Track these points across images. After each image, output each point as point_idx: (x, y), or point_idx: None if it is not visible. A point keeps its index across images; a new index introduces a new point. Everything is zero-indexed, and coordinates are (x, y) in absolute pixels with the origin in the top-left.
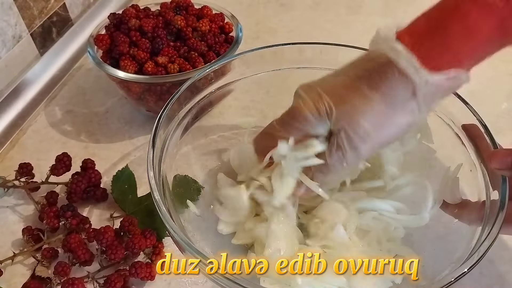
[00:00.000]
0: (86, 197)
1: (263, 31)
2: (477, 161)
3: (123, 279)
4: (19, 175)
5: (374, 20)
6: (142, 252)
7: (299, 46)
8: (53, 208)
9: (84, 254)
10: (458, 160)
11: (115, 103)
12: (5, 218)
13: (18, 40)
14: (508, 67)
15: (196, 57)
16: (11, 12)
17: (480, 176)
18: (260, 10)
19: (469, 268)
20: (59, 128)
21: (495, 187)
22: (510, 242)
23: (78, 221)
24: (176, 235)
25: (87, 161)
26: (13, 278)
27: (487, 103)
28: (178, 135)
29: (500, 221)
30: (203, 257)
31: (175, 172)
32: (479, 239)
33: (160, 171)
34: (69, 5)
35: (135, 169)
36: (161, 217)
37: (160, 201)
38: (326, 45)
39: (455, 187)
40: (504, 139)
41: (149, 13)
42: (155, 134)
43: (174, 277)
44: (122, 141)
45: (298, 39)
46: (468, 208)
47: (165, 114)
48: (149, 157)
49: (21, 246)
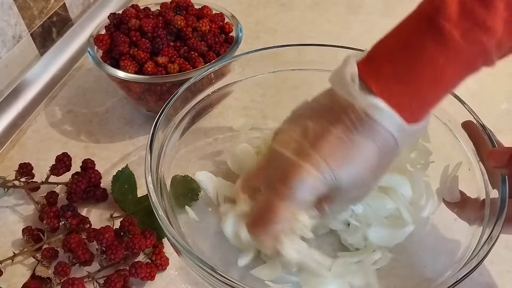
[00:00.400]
0: (86, 197)
1: (263, 31)
2: (475, 160)
3: (123, 279)
4: (19, 175)
5: (374, 20)
6: (142, 252)
7: (298, 47)
8: (53, 208)
9: (84, 254)
10: (456, 159)
11: (115, 103)
12: (5, 218)
13: (18, 40)
14: (508, 67)
15: (196, 57)
16: (11, 12)
17: (478, 175)
18: (260, 10)
19: (468, 272)
20: (59, 128)
21: (495, 186)
22: (510, 242)
23: (78, 221)
24: (172, 239)
25: (87, 161)
26: (13, 278)
27: (487, 103)
28: (177, 136)
29: (500, 224)
30: (200, 261)
31: (174, 172)
32: (479, 240)
33: (158, 173)
34: (69, 5)
35: (135, 169)
36: (159, 220)
37: (157, 204)
38: (326, 47)
39: (454, 186)
40: (504, 139)
41: (149, 13)
42: (152, 139)
43: (174, 277)
44: (122, 141)
45: (298, 39)
46: (468, 207)
47: (163, 116)
48: (147, 162)
49: (21, 246)
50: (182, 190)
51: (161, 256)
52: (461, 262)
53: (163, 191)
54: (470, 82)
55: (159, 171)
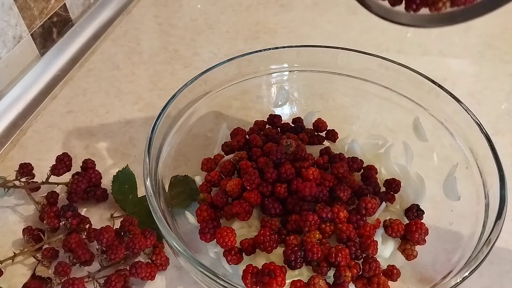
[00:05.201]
0: (86, 197)
1: (263, 31)
2: (473, 159)
3: (123, 279)
4: (19, 175)
5: (374, 20)
6: (142, 252)
7: (298, 48)
8: (54, 208)
9: (84, 254)
10: (454, 158)
11: (115, 103)
12: (6, 218)
13: (18, 41)
14: (508, 67)
15: None
16: (12, 12)
17: (476, 174)
18: (260, 10)
19: (468, 274)
20: (60, 128)
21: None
22: (510, 242)
23: (78, 221)
24: (171, 241)
25: (87, 161)
26: (13, 278)
27: (487, 103)
28: (176, 137)
29: (500, 224)
30: (197, 264)
31: (174, 173)
32: (479, 240)
33: (157, 175)
34: (69, 6)
35: (135, 169)
36: (157, 222)
37: (156, 208)
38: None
39: (453, 186)
40: (503, 139)
41: None
42: (150, 144)
43: (174, 277)
44: (123, 141)
45: (298, 39)
46: None
47: (162, 117)
48: (145, 164)
49: (22, 246)
50: (182, 190)
51: (161, 256)
52: (461, 262)
53: (161, 193)
54: (470, 82)
55: (158, 173)
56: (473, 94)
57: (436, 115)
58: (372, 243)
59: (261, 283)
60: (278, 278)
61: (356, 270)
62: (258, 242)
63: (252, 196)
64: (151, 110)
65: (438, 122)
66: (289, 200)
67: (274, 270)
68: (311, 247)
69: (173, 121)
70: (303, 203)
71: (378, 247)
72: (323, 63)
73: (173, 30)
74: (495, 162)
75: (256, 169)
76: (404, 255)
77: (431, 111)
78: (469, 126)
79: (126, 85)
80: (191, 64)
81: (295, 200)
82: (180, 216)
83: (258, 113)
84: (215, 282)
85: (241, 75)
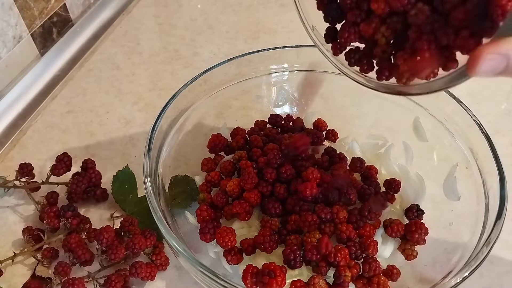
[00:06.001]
0: (86, 197)
1: (263, 31)
2: (473, 159)
3: (123, 279)
4: (19, 175)
5: None
6: (142, 252)
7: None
8: (54, 208)
9: (84, 254)
10: (454, 158)
11: (115, 103)
12: (6, 218)
13: (18, 41)
14: None
15: None
16: (12, 12)
17: (476, 174)
18: (260, 11)
19: (468, 274)
20: (60, 128)
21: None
22: (510, 242)
23: (78, 221)
24: (171, 241)
25: (87, 161)
26: (13, 278)
27: (487, 103)
28: (176, 137)
29: (500, 224)
30: (197, 264)
31: (174, 173)
32: (479, 240)
33: (157, 175)
34: (69, 6)
35: (135, 169)
36: (157, 222)
37: (157, 209)
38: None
39: (453, 186)
40: (503, 139)
41: None
42: (150, 144)
43: (174, 277)
44: (123, 141)
45: (298, 39)
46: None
47: (161, 117)
48: (145, 164)
49: (22, 246)
50: (182, 190)
51: (161, 256)
52: (461, 262)
53: (161, 193)
54: (470, 82)
55: (158, 173)
56: (473, 94)
57: (436, 115)
58: (372, 243)
59: (261, 283)
60: (278, 278)
61: (356, 270)
62: (258, 242)
63: (252, 196)
64: (151, 110)
65: (438, 122)
66: (289, 200)
67: (274, 270)
68: (311, 247)
69: (173, 121)
70: (303, 203)
71: (378, 247)
72: (323, 63)
73: (173, 30)
74: (495, 162)
75: (256, 169)
76: (404, 255)
77: (431, 111)
78: (469, 126)
79: (126, 85)
80: (191, 64)
81: (295, 200)
82: (180, 216)
83: (258, 113)
84: (215, 282)
85: (241, 75)
